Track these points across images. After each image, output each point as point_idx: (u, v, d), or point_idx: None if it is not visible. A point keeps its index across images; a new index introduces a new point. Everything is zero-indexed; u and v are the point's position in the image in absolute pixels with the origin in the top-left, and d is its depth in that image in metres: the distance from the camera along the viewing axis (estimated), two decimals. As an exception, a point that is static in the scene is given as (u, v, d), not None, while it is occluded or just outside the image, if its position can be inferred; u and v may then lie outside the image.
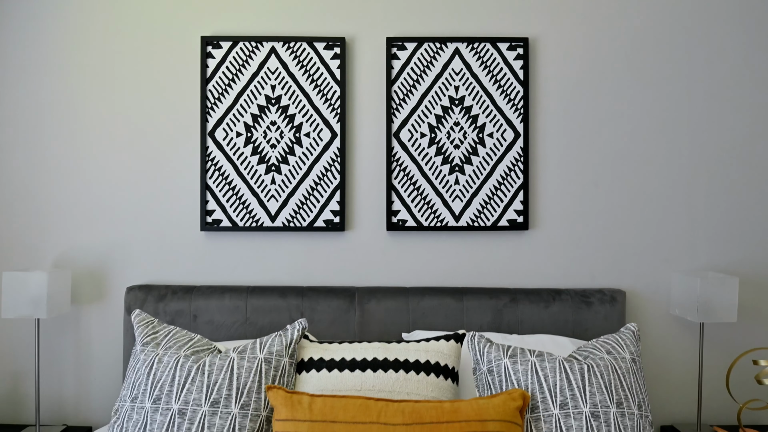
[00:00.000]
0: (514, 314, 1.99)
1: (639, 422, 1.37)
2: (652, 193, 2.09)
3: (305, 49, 2.05)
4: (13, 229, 2.05)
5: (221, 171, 2.06)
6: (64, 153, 2.06)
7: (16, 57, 2.05)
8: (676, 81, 2.07)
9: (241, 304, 1.98)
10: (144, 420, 1.35)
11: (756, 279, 2.06)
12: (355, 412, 1.27)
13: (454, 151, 2.07)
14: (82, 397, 2.07)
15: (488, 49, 2.06)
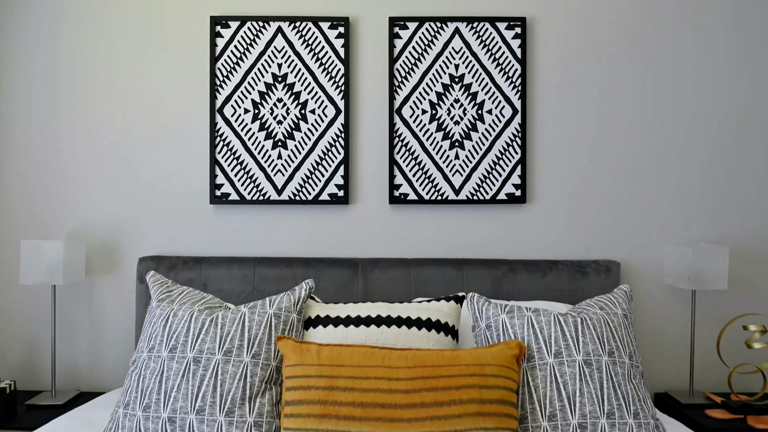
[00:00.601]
0: (511, 283, 2.07)
1: (630, 371, 1.46)
2: (647, 168, 2.17)
3: (310, 29, 2.14)
4: (29, 202, 2.14)
5: (230, 146, 2.14)
6: (79, 130, 2.15)
7: (32, 37, 2.14)
8: (670, 59, 2.16)
9: (249, 273, 2.07)
10: (161, 368, 1.43)
11: (746, 249, 2.14)
12: (360, 357, 1.35)
13: (454, 127, 2.16)
14: (95, 364, 2.15)
15: (487, 28, 2.15)
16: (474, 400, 1.27)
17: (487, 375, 1.33)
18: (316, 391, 1.29)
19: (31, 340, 2.14)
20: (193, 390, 1.39)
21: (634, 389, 1.43)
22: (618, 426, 1.36)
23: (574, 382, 1.40)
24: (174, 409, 1.38)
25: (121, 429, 1.40)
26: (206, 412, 1.37)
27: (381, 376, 1.31)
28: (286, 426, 1.28)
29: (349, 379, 1.30)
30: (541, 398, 1.40)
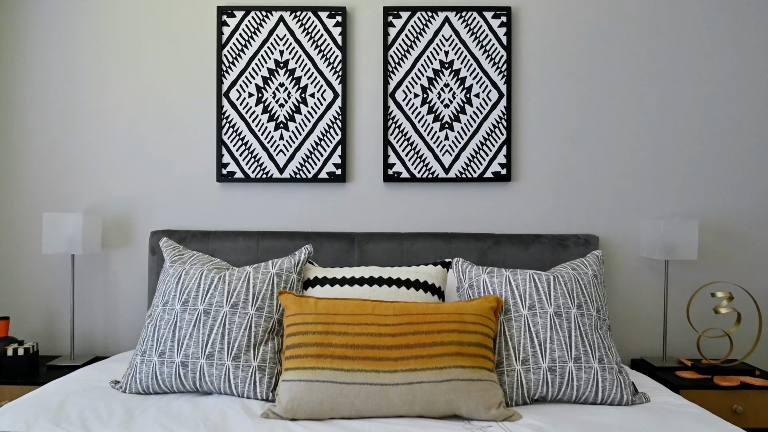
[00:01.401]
0: (497, 255, 2.23)
1: (597, 323, 1.62)
2: (624, 148, 2.33)
3: (310, 18, 2.31)
4: (50, 179, 2.31)
5: (235, 128, 2.31)
6: (95, 112, 2.32)
7: (50, 24, 2.32)
8: (647, 47, 2.32)
9: (253, 245, 2.24)
10: (174, 319, 1.60)
11: (715, 222, 2.30)
12: (353, 307, 1.52)
13: (444, 109, 2.32)
14: (109, 332, 2.33)
15: (475, 17, 2.31)
16: (453, 342, 1.44)
17: (466, 322, 1.49)
18: (313, 335, 1.46)
19: (51, 307, 2.32)
20: (204, 338, 1.56)
21: (600, 338, 1.59)
22: (584, 369, 1.52)
23: (545, 331, 1.57)
24: (186, 355, 1.55)
25: (138, 373, 1.57)
26: (215, 357, 1.54)
27: (371, 322, 1.47)
28: (287, 366, 1.45)
29: (342, 325, 1.47)
30: (515, 345, 1.56)
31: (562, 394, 1.53)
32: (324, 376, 1.40)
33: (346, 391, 1.38)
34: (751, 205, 2.30)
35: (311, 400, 1.37)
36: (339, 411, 1.38)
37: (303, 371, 1.41)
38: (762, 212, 2.30)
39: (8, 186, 2.32)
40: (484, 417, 1.38)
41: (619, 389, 1.53)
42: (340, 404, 1.37)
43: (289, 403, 1.38)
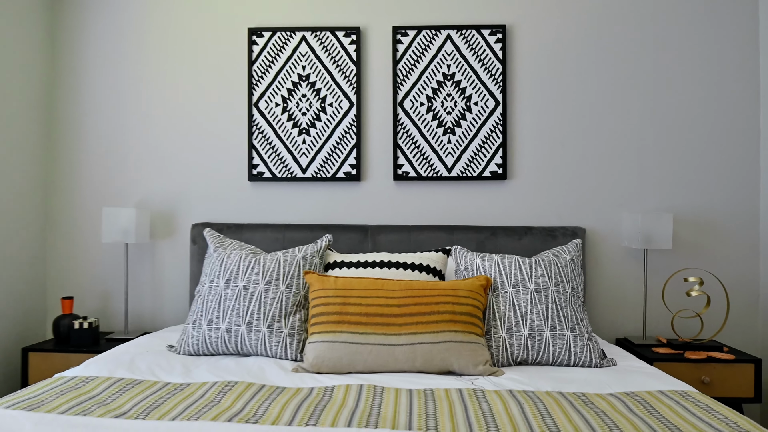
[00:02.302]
0: (493, 245, 2.55)
1: (571, 299, 1.93)
2: (609, 150, 2.63)
3: (329, 37, 2.65)
4: (106, 177, 2.70)
5: (264, 133, 2.67)
6: (143, 119, 2.70)
7: (105, 42, 2.69)
8: (628, 60, 2.61)
9: (280, 236, 2.59)
10: (219, 294, 1.96)
11: (689, 215, 2.59)
12: (366, 284, 1.86)
13: (446, 116, 2.64)
14: (156, 311, 2.70)
15: (474, 34, 2.63)
16: (448, 311, 1.77)
17: (459, 296, 1.82)
18: (333, 305, 1.80)
19: (106, 289, 2.70)
20: (244, 309, 1.91)
21: (573, 312, 1.91)
22: (558, 336, 1.84)
23: (526, 304, 1.89)
24: (230, 323, 1.90)
25: (191, 338, 1.93)
26: (254, 324, 1.89)
27: (381, 295, 1.81)
28: (312, 331, 1.80)
29: (357, 297, 1.81)
30: (501, 317, 1.88)
31: (540, 357, 1.85)
32: (342, 338, 1.74)
33: (361, 350, 1.71)
34: (720, 200, 2.58)
35: (332, 357, 1.72)
36: (354, 366, 1.72)
37: (325, 334, 1.76)
38: (729, 207, 2.58)
39: (71, 184, 2.71)
40: (472, 372, 1.71)
41: (589, 353, 1.84)
42: (355, 360, 1.71)
43: (315, 359, 1.73)
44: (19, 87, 2.52)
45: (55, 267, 2.71)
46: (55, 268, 2.71)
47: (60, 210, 2.71)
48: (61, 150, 2.72)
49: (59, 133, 2.72)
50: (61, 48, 2.72)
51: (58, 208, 2.71)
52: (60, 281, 2.71)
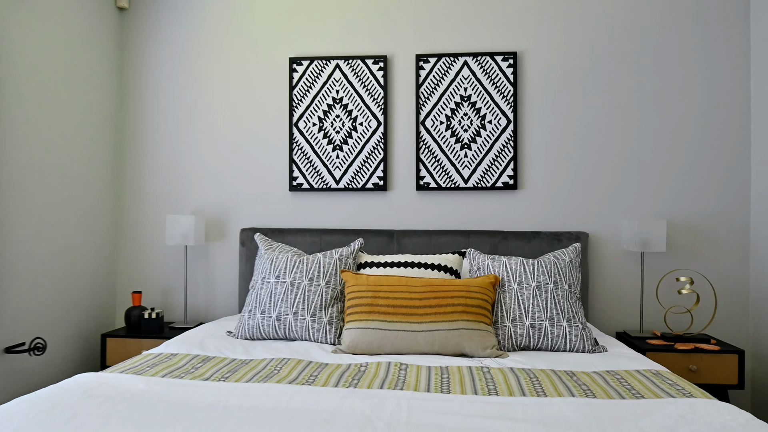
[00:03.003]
0: (505, 247, 2.90)
1: (568, 294, 2.28)
2: (610, 163, 2.95)
3: (359, 64, 3.04)
4: (169, 189, 3.14)
5: (302, 149, 3.07)
6: (200, 137, 3.13)
7: (167, 67, 3.14)
8: (628, 79, 2.93)
9: (317, 239, 2.99)
10: (270, 288, 2.36)
11: (681, 222, 2.89)
12: (393, 281, 2.23)
13: (463, 133, 3.00)
14: (209, 304, 3.13)
15: (488, 60, 2.98)
16: (461, 304, 2.14)
17: (471, 291, 2.18)
18: (365, 299, 2.19)
19: (167, 285, 3.14)
20: (291, 301, 2.31)
21: (569, 305, 2.25)
22: (555, 326, 2.19)
23: (529, 299, 2.24)
24: (279, 313, 2.31)
25: (247, 325, 2.34)
26: (299, 314, 2.29)
27: (405, 291, 2.18)
28: (348, 320, 2.18)
29: (385, 292, 2.19)
30: (508, 309, 2.24)
31: (540, 344, 2.20)
32: (373, 325, 2.12)
33: (389, 335, 2.09)
34: (711, 208, 2.88)
35: (365, 341, 2.10)
36: (383, 348, 2.09)
37: (359, 322, 2.14)
38: (721, 214, 2.88)
39: (137, 194, 3.16)
40: (481, 354, 2.07)
41: (582, 341, 2.18)
42: (384, 344, 2.09)
43: (350, 342, 2.11)
44: (93, 110, 2.98)
45: (124, 266, 3.17)
46: (124, 266, 3.17)
47: (128, 217, 3.17)
48: (129, 165, 3.17)
49: (127, 150, 3.18)
50: (128, 75, 3.18)
51: (127, 215, 3.17)
52: (128, 278, 3.17)
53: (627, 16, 2.94)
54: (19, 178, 2.45)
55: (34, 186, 2.54)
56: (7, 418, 1.32)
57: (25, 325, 2.50)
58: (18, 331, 2.45)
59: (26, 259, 2.50)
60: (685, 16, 2.91)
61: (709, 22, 2.89)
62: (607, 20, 2.95)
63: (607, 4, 2.95)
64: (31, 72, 2.51)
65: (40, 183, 2.58)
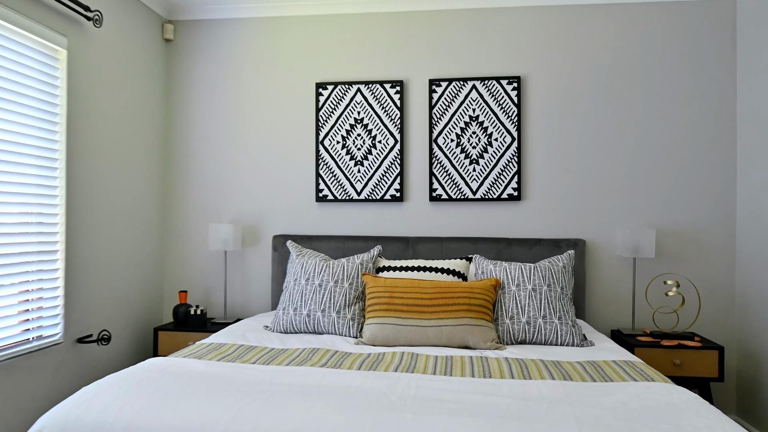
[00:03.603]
0: (509, 253, 3.25)
1: (560, 296, 2.62)
2: (605, 176, 3.27)
3: (378, 88, 3.42)
4: (210, 200, 3.57)
5: (327, 165, 3.46)
6: (235, 152, 3.55)
7: (208, 92, 3.56)
8: (622, 100, 3.25)
9: (341, 245, 3.38)
10: (301, 288, 2.76)
11: (668, 230, 3.21)
12: (407, 284, 2.61)
13: (472, 150, 3.36)
14: (245, 302, 3.55)
15: (494, 83, 3.33)
16: (465, 303, 2.50)
17: (474, 293, 2.55)
18: (383, 298, 2.57)
19: (208, 285, 3.57)
20: (319, 300, 2.71)
21: (561, 305, 2.59)
22: (548, 323, 2.54)
23: (525, 299, 2.59)
24: (309, 310, 2.70)
25: (281, 320, 2.74)
26: (326, 311, 2.68)
27: (417, 292, 2.56)
28: (369, 316, 2.57)
29: (400, 293, 2.57)
30: (506, 308, 2.60)
31: (535, 339, 2.55)
32: (390, 321, 2.50)
33: (403, 330, 2.47)
34: (696, 218, 3.19)
35: (382, 334, 2.48)
36: (398, 341, 2.47)
37: (378, 318, 2.52)
38: (708, 223, 3.18)
39: (183, 205, 3.60)
40: (482, 347, 2.43)
41: (571, 336, 2.53)
42: (399, 337, 2.47)
43: (370, 336, 2.49)
44: (145, 134, 3.42)
45: (171, 268, 3.61)
46: (171, 268, 3.61)
47: (175, 225, 3.61)
48: (175, 180, 3.61)
49: (173, 167, 3.61)
50: (174, 100, 3.61)
51: (174, 224, 3.61)
52: (174, 278, 3.61)
53: (622, 43, 3.26)
54: (87, 194, 2.89)
55: (99, 200, 2.98)
56: (107, 388, 1.74)
57: (93, 319, 2.94)
58: (87, 324, 2.90)
59: (93, 263, 2.94)
60: (676, 42, 3.22)
61: (698, 47, 3.20)
62: (603, 47, 3.27)
63: (603, 33, 3.27)
64: (95, 101, 2.95)
65: (104, 197, 3.02)
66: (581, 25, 3.30)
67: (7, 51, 2.39)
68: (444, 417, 1.53)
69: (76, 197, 2.81)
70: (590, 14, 3.29)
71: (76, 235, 2.81)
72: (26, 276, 2.54)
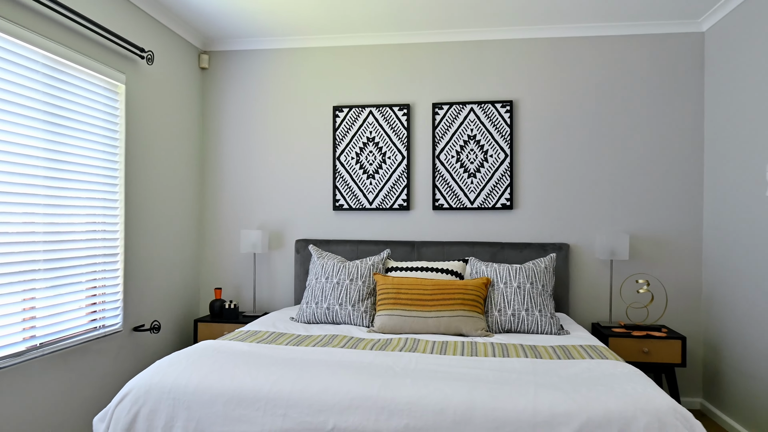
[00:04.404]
0: (502, 256, 3.74)
1: (541, 292, 3.12)
2: (587, 188, 3.75)
3: (388, 111, 3.93)
4: (240, 209, 4.11)
5: (343, 177, 3.98)
6: (262, 166, 4.09)
7: (238, 117, 4.11)
8: (602, 122, 3.73)
9: (354, 248, 3.89)
10: (321, 285, 3.29)
11: (643, 236, 3.68)
12: (411, 282, 3.12)
13: (470, 165, 3.86)
14: (271, 298, 4.08)
15: (490, 107, 3.83)
16: (460, 298, 3.00)
17: (468, 289, 3.05)
18: (391, 294, 3.08)
19: (238, 283, 4.11)
20: (337, 295, 3.23)
21: (541, 300, 3.09)
22: (530, 315, 3.03)
23: (511, 295, 3.09)
24: (328, 303, 3.22)
25: (305, 313, 3.26)
26: (343, 305, 3.20)
27: (419, 288, 3.07)
28: (379, 309, 3.08)
29: (406, 290, 3.08)
30: (495, 303, 3.10)
31: (518, 328, 3.04)
32: (397, 313, 3.01)
33: (407, 320, 2.98)
34: (665, 225, 3.66)
35: (390, 324, 2.99)
36: (404, 329, 2.98)
37: (387, 310, 3.03)
38: (677, 229, 3.65)
39: (217, 214, 4.14)
40: (474, 334, 2.93)
41: (550, 326, 3.02)
42: (404, 326, 2.98)
43: (380, 325, 3.01)
44: (184, 152, 3.97)
45: (207, 268, 4.15)
46: (207, 268, 4.15)
47: (210, 231, 4.15)
48: (210, 192, 4.16)
49: (208, 181, 4.16)
50: (208, 122, 4.16)
51: (209, 230, 4.15)
52: (209, 277, 4.15)
53: (602, 71, 3.74)
54: (140, 205, 3.44)
55: (149, 211, 3.53)
56: (177, 361, 2.27)
57: (145, 312, 3.49)
58: (140, 316, 3.45)
59: (145, 264, 3.49)
60: (650, 70, 3.69)
61: (670, 75, 3.67)
62: (586, 74, 3.75)
63: (586, 62, 3.75)
64: (146, 127, 3.50)
65: (153, 209, 3.57)
66: (566, 55, 3.78)
67: (78, 87, 2.94)
68: (434, 382, 2.04)
69: (131, 209, 3.36)
70: (574, 45, 3.77)
71: (132, 240, 3.36)
72: (93, 275, 3.09)
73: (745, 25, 3.21)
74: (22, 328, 2.63)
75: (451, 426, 1.85)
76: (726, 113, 3.40)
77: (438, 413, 1.88)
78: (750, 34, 3.16)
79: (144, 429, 2.04)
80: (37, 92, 2.63)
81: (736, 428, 3.22)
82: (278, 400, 1.99)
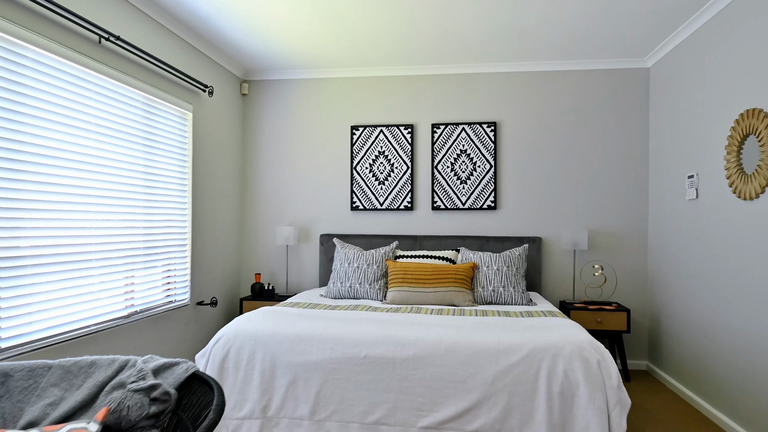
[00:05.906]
0: (487, 246, 4.73)
1: (515, 273, 4.11)
2: (557, 192, 4.74)
3: (396, 129, 4.92)
4: (275, 208, 5.10)
5: (358, 184, 4.97)
6: (293, 177, 5.08)
7: (273, 134, 5.10)
8: (567, 137, 4.72)
9: (369, 241, 4.89)
10: (345, 268, 4.28)
11: (600, 230, 4.67)
12: (415, 266, 4.11)
13: (462, 174, 4.84)
14: (300, 281, 5.08)
15: (478, 127, 4.81)
16: (452, 278, 4.00)
17: (459, 272, 4.04)
18: (399, 275, 4.07)
19: (274, 269, 5.10)
20: (357, 275, 4.22)
21: (515, 280, 4.08)
22: (506, 290, 4.02)
23: (492, 275, 4.08)
24: (351, 283, 4.22)
25: (332, 290, 4.26)
26: (362, 284, 4.19)
27: (421, 271, 4.06)
28: (390, 286, 4.08)
29: (411, 272, 4.07)
30: (480, 281, 4.09)
31: (497, 300, 4.03)
32: (404, 289, 4.00)
33: (412, 294, 3.97)
34: (617, 222, 4.65)
35: (399, 297, 3.98)
36: (409, 301, 3.97)
37: (396, 287, 4.03)
38: (626, 225, 4.64)
39: (256, 213, 5.13)
40: (463, 305, 3.93)
41: (521, 299, 4.01)
42: (410, 299, 3.97)
43: (391, 299, 4.00)
44: (229, 164, 4.96)
45: (248, 257, 5.15)
46: (248, 257, 5.15)
47: (250, 227, 5.14)
48: (250, 196, 5.15)
49: (248, 186, 5.15)
50: (248, 139, 5.14)
51: (249, 226, 5.14)
52: (250, 264, 5.14)
53: (569, 98, 4.73)
54: (202, 206, 4.42)
55: (207, 211, 4.52)
56: (252, 317, 3.26)
57: (205, 290, 4.48)
58: (202, 293, 4.44)
59: (204, 253, 4.47)
60: (606, 97, 4.68)
61: (623, 102, 4.66)
62: (555, 101, 4.74)
63: (555, 92, 4.74)
64: (205, 145, 4.49)
65: (210, 209, 4.56)
66: (540, 85, 4.77)
67: (162, 117, 3.93)
68: (433, 328, 3.03)
69: (196, 209, 4.34)
70: (546, 78, 4.76)
71: (196, 234, 4.35)
72: (168, 260, 4.08)
73: (681, 63, 4.21)
74: (125, 299, 3.63)
75: (443, 353, 2.85)
76: (664, 135, 4.39)
77: (435, 345, 2.87)
78: (686, 70, 4.15)
79: (234, 360, 3.03)
80: (137, 123, 3.63)
81: (674, 384, 4.22)
82: (326, 339, 2.98)
